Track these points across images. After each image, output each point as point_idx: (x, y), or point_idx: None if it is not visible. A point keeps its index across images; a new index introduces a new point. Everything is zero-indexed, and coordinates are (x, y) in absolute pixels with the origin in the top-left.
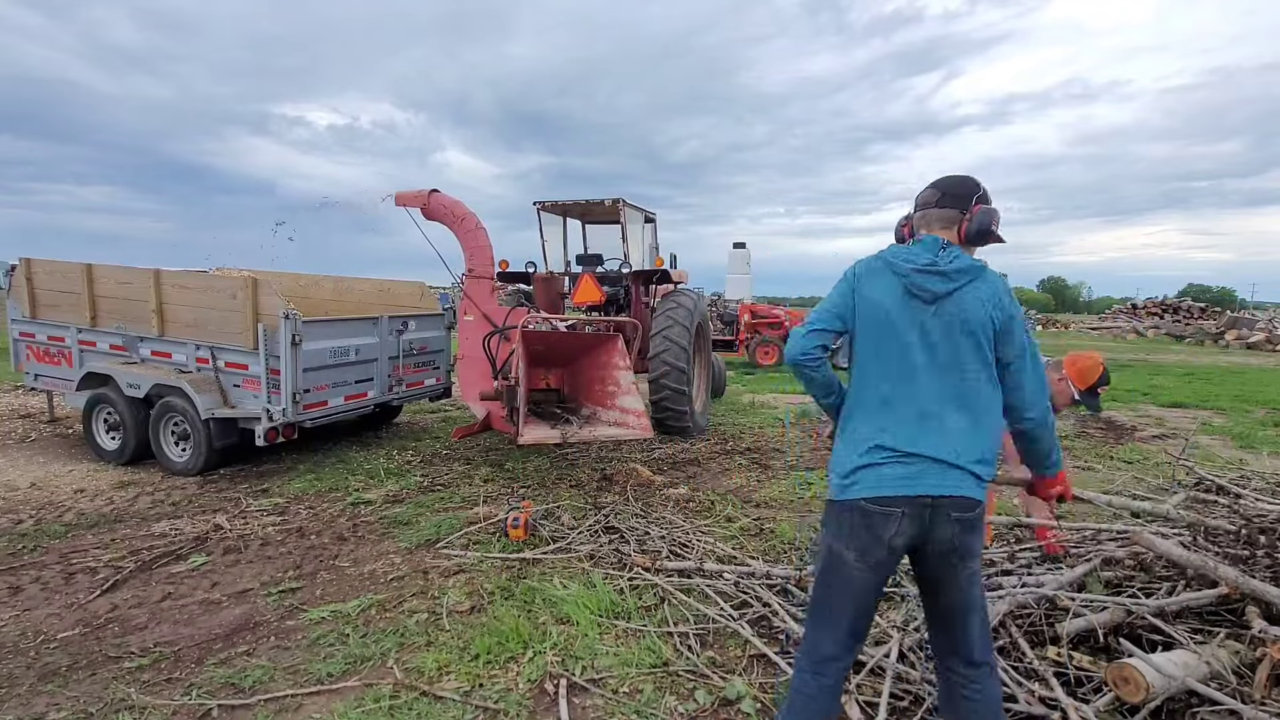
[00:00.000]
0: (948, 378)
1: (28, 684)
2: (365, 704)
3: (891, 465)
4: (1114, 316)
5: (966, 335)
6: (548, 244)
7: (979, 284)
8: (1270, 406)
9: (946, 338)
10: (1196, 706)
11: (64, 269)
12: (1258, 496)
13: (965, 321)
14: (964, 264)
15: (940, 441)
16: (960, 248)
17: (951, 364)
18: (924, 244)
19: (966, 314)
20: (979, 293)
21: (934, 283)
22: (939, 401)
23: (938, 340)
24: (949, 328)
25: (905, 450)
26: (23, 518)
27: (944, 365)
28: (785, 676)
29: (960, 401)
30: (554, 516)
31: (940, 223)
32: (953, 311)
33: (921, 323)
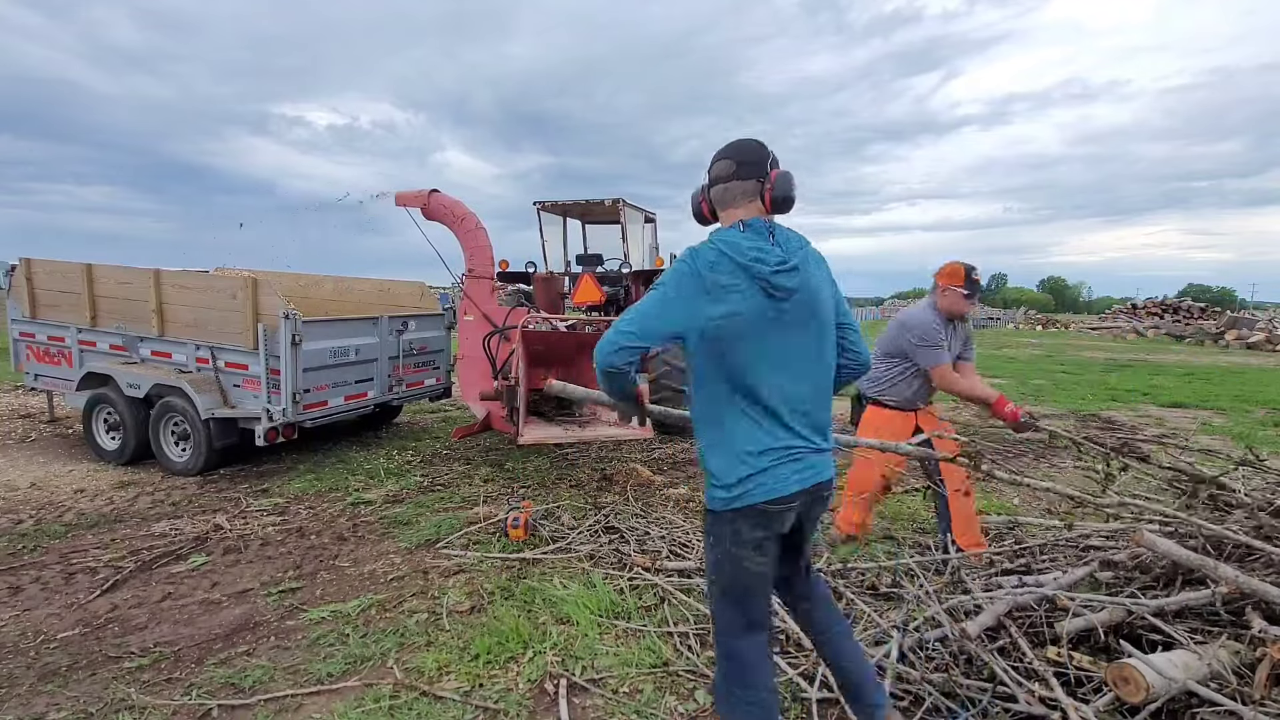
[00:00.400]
0: (814, 367)
1: (28, 684)
2: (365, 704)
3: (784, 465)
4: (1114, 316)
5: (819, 318)
6: (548, 244)
7: (812, 262)
8: (1270, 406)
9: (804, 328)
10: (1197, 707)
11: (64, 269)
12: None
13: (817, 305)
14: (796, 245)
15: (814, 430)
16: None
17: (816, 353)
18: (756, 232)
19: (816, 298)
20: (820, 271)
21: (790, 279)
22: (811, 394)
23: (800, 334)
24: (806, 318)
25: (791, 446)
26: (23, 518)
27: (811, 356)
28: (785, 676)
29: (821, 386)
30: (554, 516)
31: (744, 196)
32: (806, 300)
33: (785, 321)
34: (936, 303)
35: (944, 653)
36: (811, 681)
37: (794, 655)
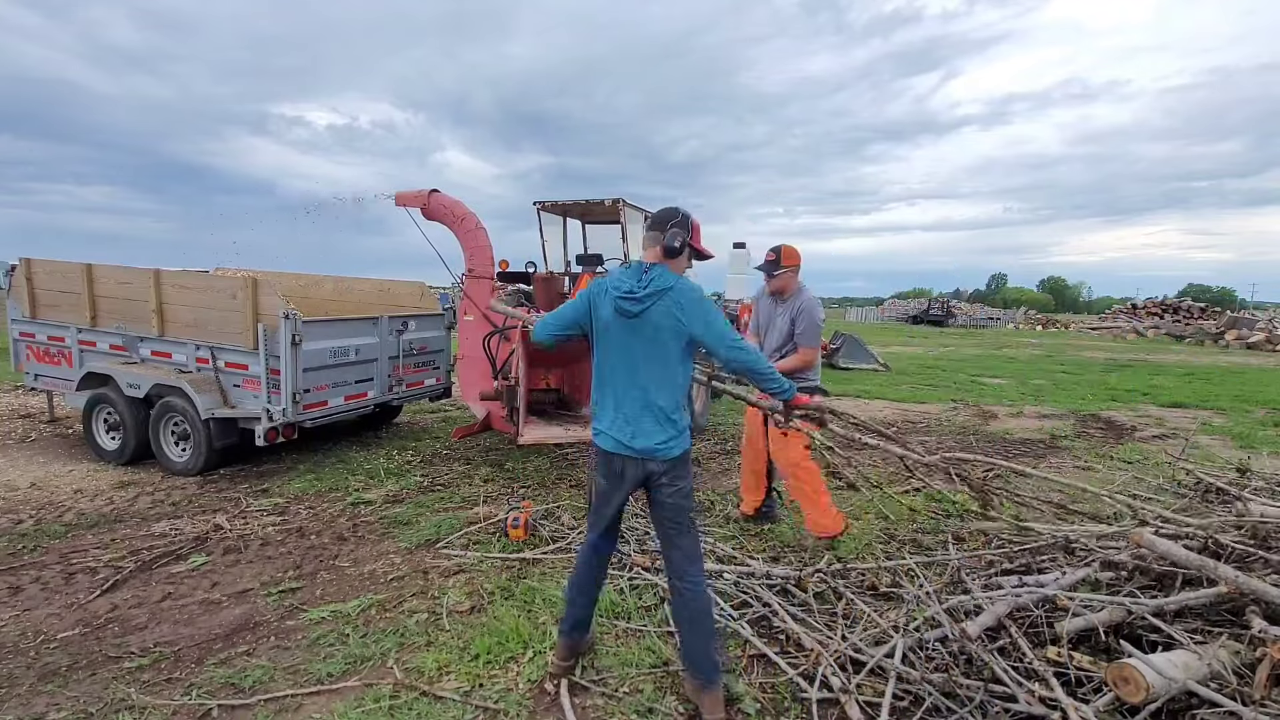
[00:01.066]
0: (648, 368)
1: (28, 684)
2: (365, 704)
3: (620, 428)
4: (1114, 316)
5: (655, 338)
6: (548, 244)
7: (665, 299)
8: (1270, 406)
9: (639, 339)
10: (1197, 707)
11: (64, 269)
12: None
13: (656, 328)
14: (655, 287)
15: (641, 410)
16: (662, 264)
17: (644, 357)
18: (632, 269)
19: (657, 325)
20: (665, 307)
21: (630, 306)
22: (645, 382)
23: (638, 343)
24: (643, 333)
25: (623, 415)
26: (23, 518)
27: (639, 358)
28: (785, 676)
29: (645, 381)
30: (554, 516)
31: (650, 243)
32: (649, 321)
33: (628, 331)
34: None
35: (944, 653)
36: (811, 682)
37: (794, 655)
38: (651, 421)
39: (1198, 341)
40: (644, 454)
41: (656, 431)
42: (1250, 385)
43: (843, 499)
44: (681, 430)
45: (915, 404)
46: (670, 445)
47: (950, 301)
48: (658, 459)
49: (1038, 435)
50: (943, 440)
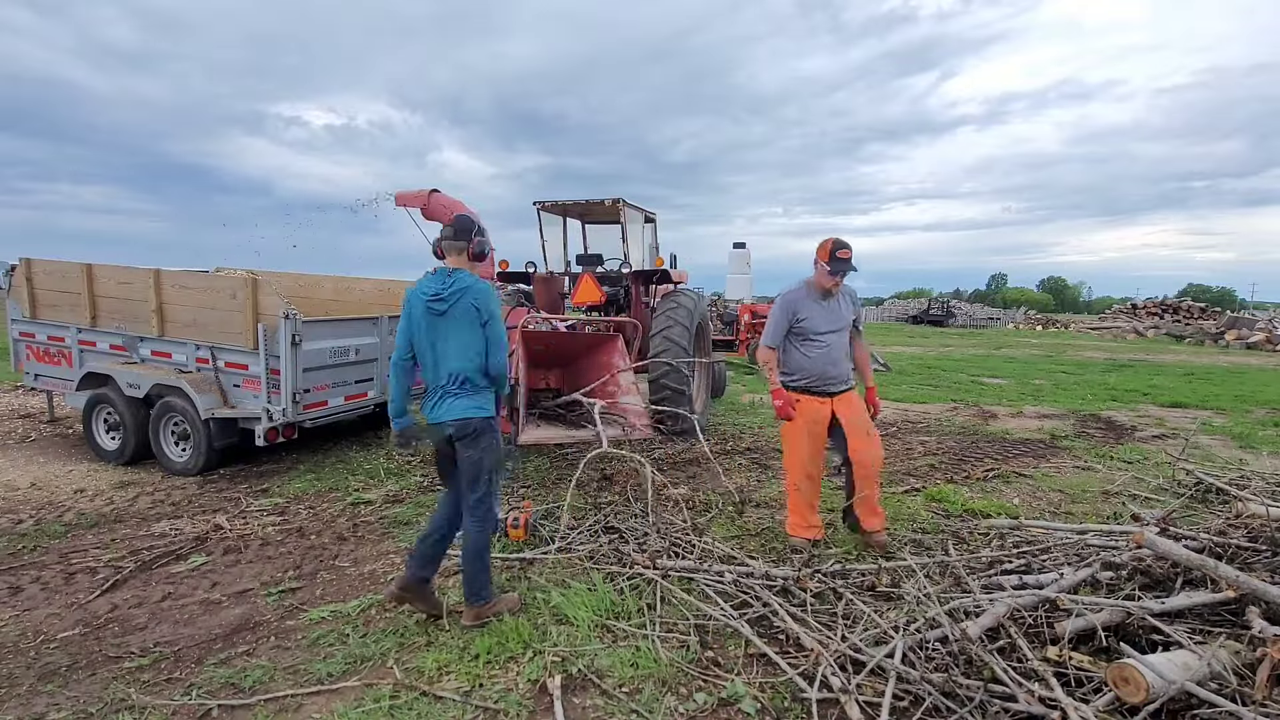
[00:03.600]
0: (450, 346)
1: (28, 684)
2: (365, 704)
3: (441, 401)
4: (1114, 316)
5: (458, 322)
6: (548, 244)
7: (466, 296)
8: (1270, 406)
9: (449, 326)
10: (1197, 707)
11: (64, 269)
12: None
13: (458, 318)
14: (458, 287)
15: (450, 382)
16: (466, 268)
17: (455, 339)
18: (438, 276)
19: (460, 315)
20: (466, 301)
21: (438, 305)
22: (449, 361)
23: (446, 329)
24: (451, 322)
25: (439, 391)
26: (23, 518)
27: (450, 340)
28: (785, 676)
29: (459, 360)
30: (554, 516)
31: (454, 251)
32: (452, 314)
33: (435, 326)
34: (810, 278)
35: (944, 653)
36: (811, 682)
37: (793, 655)
38: (457, 389)
39: (1198, 341)
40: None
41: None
42: (1250, 385)
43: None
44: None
45: (915, 404)
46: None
47: (950, 301)
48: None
49: (1038, 435)
50: (943, 440)
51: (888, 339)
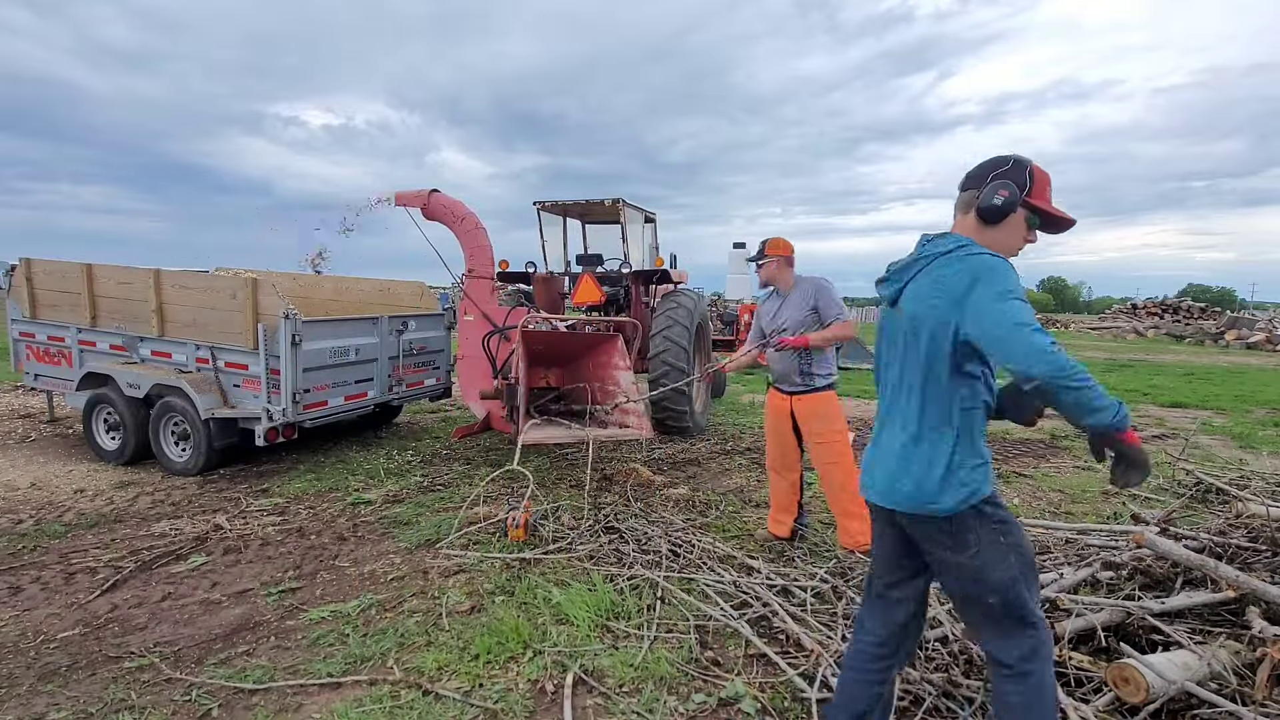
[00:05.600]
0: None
1: (28, 684)
2: (365, 704)
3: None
4: (1114, 316)
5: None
6: (547, 244)
7: (931, 273)
8: (1270, 406)
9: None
10: (1197, 707)
11: (64, 269)
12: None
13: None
14: (927, 255)
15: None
16: (970, 234)
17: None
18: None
19: (913, 313)
20: (927, 283)
21: (883, 290)
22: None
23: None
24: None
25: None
26: (23, 518)
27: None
28: (785, 676)
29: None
30: (554, 516)
31: (960, 209)
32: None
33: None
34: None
35: (944, 653)
36: (811, 682)
37: (793, 655)
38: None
39: (1198, 341)
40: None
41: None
42: (1250, 385)
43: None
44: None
45: None
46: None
47: None
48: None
49: (1038, 435)
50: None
51: None
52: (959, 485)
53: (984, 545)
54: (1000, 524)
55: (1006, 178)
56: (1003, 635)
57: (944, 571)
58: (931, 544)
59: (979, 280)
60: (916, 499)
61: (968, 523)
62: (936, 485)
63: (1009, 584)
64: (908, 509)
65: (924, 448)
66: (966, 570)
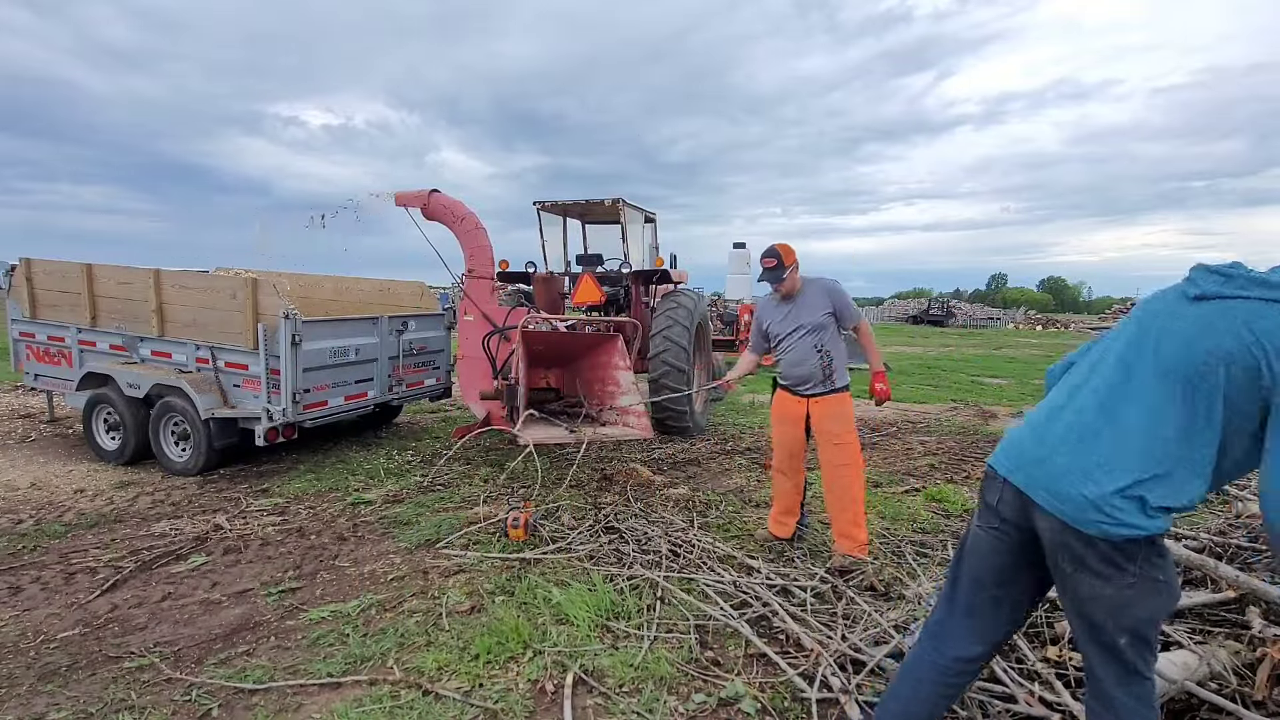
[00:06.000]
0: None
1: (28, 684)
2: (365, 704)
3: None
4: (1114, 316)
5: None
6: (548, 244)
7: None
8: None
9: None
10: (1197, 708)
11: (64, 269)
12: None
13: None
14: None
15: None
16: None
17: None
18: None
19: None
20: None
21: (1209, 283)
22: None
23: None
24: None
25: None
26: (23, 518)
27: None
28: (785, 676)
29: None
30: (554, 516)
31: None
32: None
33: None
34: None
35: None
36: (811, 682)
37: (793, 655)
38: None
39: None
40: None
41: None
42: None
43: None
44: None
45: (916, 404)
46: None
47: (950, 301)
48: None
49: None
50: (943, 440)
51: (888, 339)
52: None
53: (1141, 575)
54: (1161, 555)
55: None
56: (1114, 676)
57: (1080, 593)
58: (1081, 562)
59: None
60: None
61: (1134, 547)
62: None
63: (1148, 624)
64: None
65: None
66: (1114, 600)
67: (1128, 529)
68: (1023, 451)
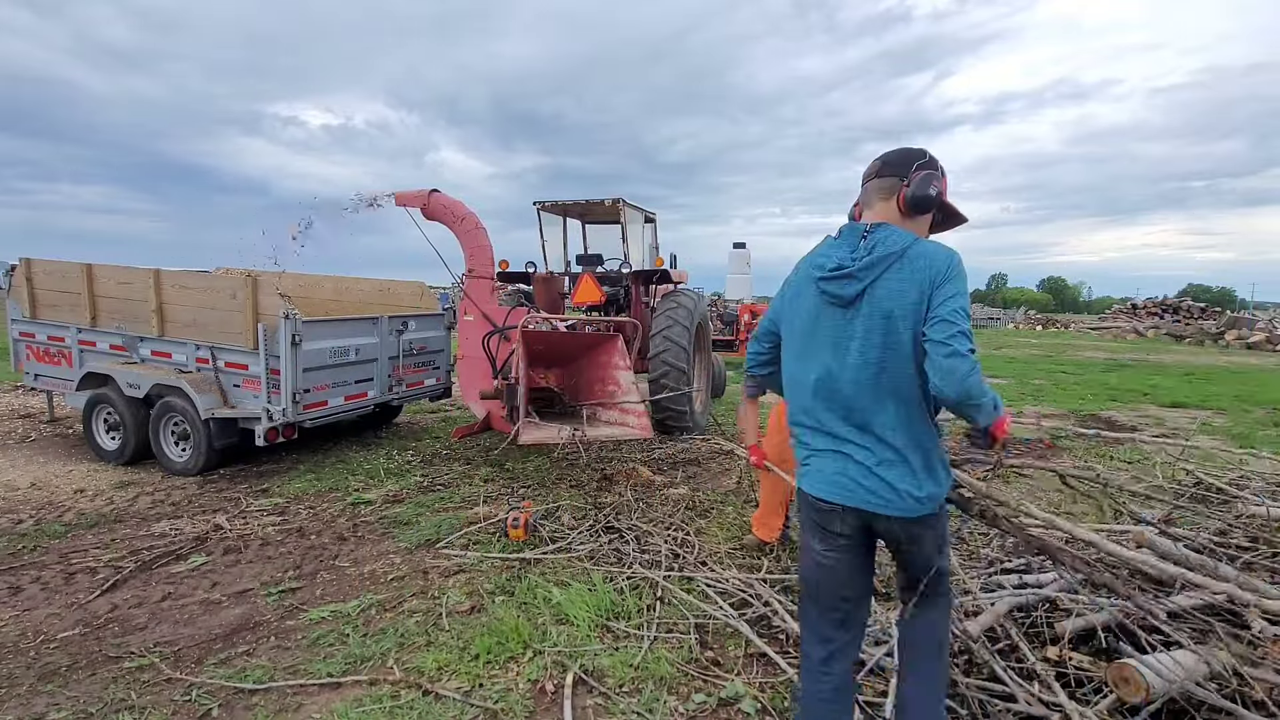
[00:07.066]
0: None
1: (28, 684)
2: (365, 704)
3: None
4: (1114, 316)
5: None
6: (547, 244)
7: (900, 270)
8: (1270, 406)
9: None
10: (1198, 707)
11: (64, 269)
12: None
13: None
14: (881, 253)
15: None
16: (896, 224)
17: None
18: (848, 237)
19: (881, 306)
20: (896, 280)
21: (841, 288)
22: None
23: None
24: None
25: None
26: (23, 518)
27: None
28: (785, 676)
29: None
30: (554, 516)
31: (879, 194)
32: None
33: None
34: None
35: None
36: None
37: (793, 655)
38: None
39: (1198, 341)
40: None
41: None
42: (1250, 385)
43: None
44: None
45: None
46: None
47: None
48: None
49: (1038, 435)
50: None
51: None
52: (947, 477)
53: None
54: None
55: (931, 169)
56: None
57: (917, 555)
58: (918, 540)
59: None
60: (918, 501)
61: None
62: (933, 482)
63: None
64: (908, 513)
65: (916, 449)
66: (934, 543)
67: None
68: (829, 477)
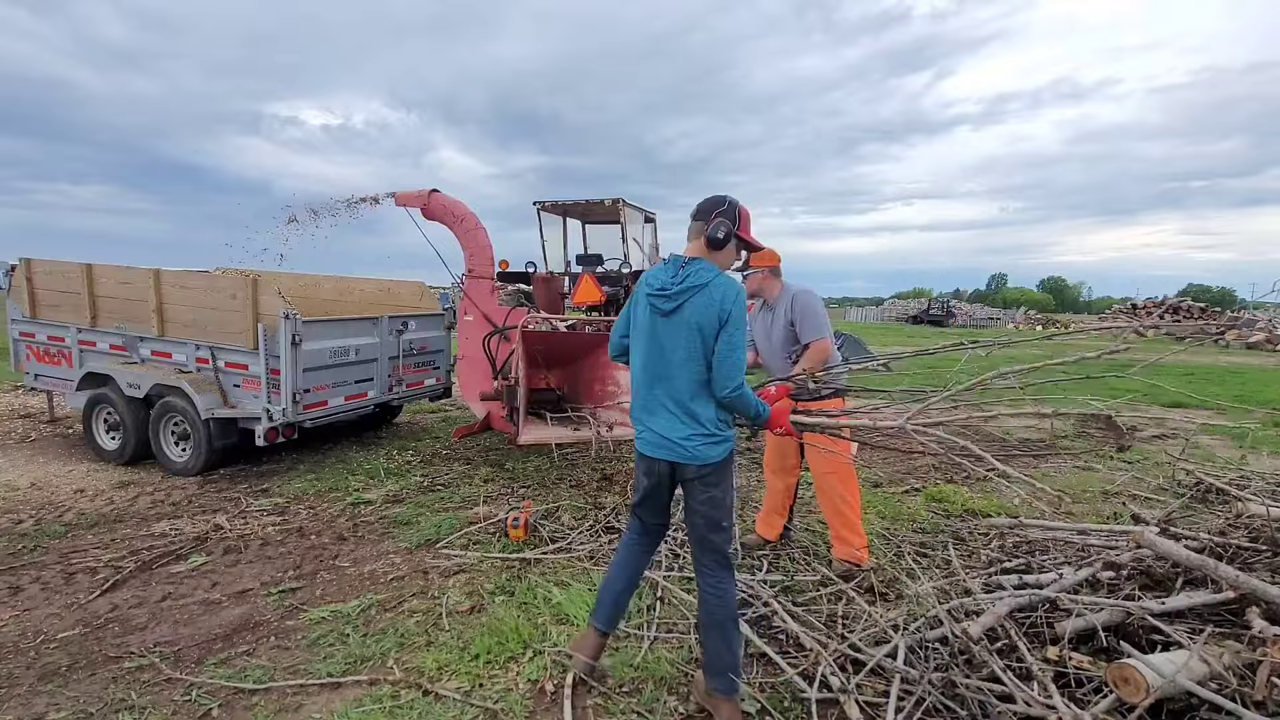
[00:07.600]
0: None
1: (28, 684)
2: (365, 704)
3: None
4: (1114, 316)
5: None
6: (547, 244)
7: (698, 297)
8: (1270, 406)
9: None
10: (1197, 708)
11: (64, 269)
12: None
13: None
14: (690, 284)
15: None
16: (705, 256)
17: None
18: (669, 265)
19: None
20: (695, 305)
21: (663, 303)
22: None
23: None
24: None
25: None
26: (23, 518)
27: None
28: (785, 676)
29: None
30: (554, 516)
31: (694, 233)
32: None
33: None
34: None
35: (944, 653)
36: (811, 681)
37: (793, 655)
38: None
39: (1198, 341)
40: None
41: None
42: (1250, 385)
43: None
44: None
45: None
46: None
47: (950, 301)
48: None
49: (1037, 434)
50: (942, 441)
51: (887, 339)
52: (725, 440)
53: (726, 483)
54: (732, 471)
55: (724, 216)
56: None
57: (698, 506)
58: (699, 485)
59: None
60: (692, 452)
61: (724, 468)
62: (710, 441)
63: (730, 511)
64: (685, 459)
65: (703, 415)
66: (717, 502)
67: (716, 456)
68: (650, 431)
